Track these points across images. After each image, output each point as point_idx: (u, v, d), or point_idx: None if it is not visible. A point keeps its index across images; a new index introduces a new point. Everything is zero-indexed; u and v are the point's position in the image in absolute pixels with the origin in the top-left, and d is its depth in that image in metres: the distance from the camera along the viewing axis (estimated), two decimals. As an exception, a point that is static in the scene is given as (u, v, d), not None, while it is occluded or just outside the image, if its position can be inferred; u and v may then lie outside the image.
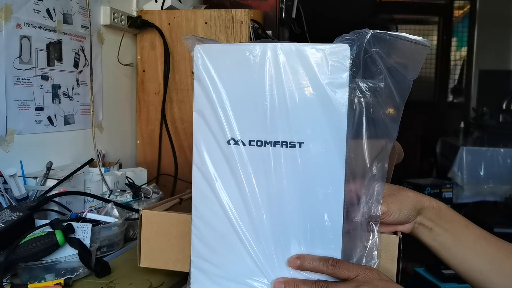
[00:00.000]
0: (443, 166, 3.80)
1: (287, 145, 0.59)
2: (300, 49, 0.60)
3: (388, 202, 0.66)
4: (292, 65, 0.60)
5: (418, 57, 0.63)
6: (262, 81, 0.60)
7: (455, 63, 5.09)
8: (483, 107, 4.05)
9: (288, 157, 0.60)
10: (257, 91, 0.61)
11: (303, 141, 0.59)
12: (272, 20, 1.81)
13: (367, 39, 0.60)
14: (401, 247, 0.65)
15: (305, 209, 0.60)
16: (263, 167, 0.60)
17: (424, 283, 2.22)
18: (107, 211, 0.96)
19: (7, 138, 1.05)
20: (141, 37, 1.54)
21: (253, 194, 0.61)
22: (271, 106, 0.60)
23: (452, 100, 5.10)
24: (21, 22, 1.08)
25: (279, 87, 0.60)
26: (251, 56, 0.61)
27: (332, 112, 0.59)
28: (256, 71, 0.61)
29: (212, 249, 0.63)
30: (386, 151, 0.64)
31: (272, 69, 0.60)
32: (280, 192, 0.60)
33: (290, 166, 0.60)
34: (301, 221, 0.60)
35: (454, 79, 5.08)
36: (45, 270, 0.77)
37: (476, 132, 3.96)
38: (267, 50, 0.61)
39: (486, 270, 0.68)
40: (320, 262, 0.59)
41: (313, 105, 0.59)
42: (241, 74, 0.62)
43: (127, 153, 1.55)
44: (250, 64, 0.61)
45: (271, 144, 0.60)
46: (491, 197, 3.37)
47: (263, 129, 0.60)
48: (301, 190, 0.60)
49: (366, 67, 0.61)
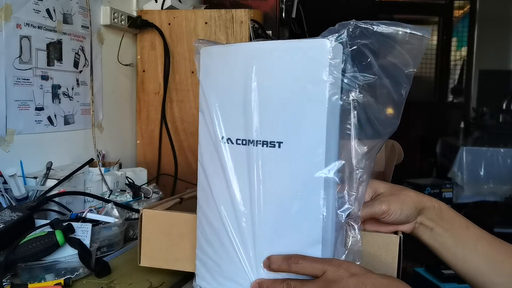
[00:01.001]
0: (443, 166, 3.80)
1: (268, 144, 0.58)
2: (279, 47, 0.59)
3: (389, 201, 0.66)
4: (273, 63, 0.59)
5: (417, 49, 0.58)
6: (247, 80, 0.60)
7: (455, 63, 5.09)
8: (483, 107, 4.05)
9: (269, 157, 0.58)
10: (242, 91, 0.60)
11: (282, 141, 0.58)
12: (272, 20, 1.81)
13: (351, 31, 0.57)
14: (402, 247, 0.65)
15: (285, 209, 0.58)
16: (247, 167, 0.60)
17: (424, 283, 2.21)
18: (107, 211, 0.96)
19: (7, 138, 1.05)
20: (141, 37, 1.54)
21: (239, 193, 0.60)
22: (254, 105, 0.59)
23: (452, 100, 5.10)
24: (21, 22, 1.08)
25: (261, 85, 0.59)
26: (237, 56, 0.62)
27: (312, 110, 0.56)
28: (242, 71, 0.61)
29: (211, 245, 0.64)
30: (374, 151, 0.61)
31: (255, 68, 0.60)
32: (262, 192, 0.59)
33: (270, 166, 0.58)
34: (282, 221, 0.58)
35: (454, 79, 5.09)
36: (45, 270, 0.77)
37: (476, 132, 3.96)
38: (250, 50, 0.61)
39: (486, 271, 0.68)
40: (283, 261, 0.57)
41: (293, 103, 0.57)
42: (229, 74, 0.62)
43: (127, 153, 1.55)
44: (236, 64, 0.61)
45: (254, 144, 0.59)
46: (491, 197, 3.37)
47: (248, 128, 0.60)
48: (281, 190, 0.58)
49: (354, 61, 0.57)
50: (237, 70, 0.61)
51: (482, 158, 3.36)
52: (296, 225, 0.58)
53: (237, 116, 0.61)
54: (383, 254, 0.65)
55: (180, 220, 0.74)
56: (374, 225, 0.68)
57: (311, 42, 0.57)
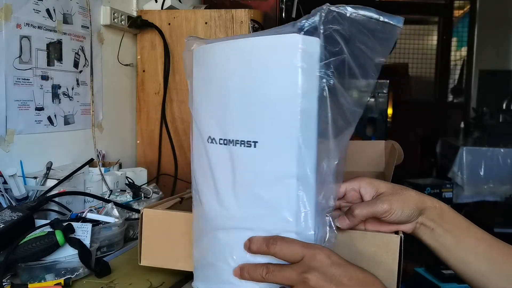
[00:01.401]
0: (443, 166, 3.80)
1: (245, 144, 0.57)
2: (251, 44, 0.58)
3: (391, 200, 0.66)
4: (245, 61, 0.57)
5: (388, 38, 0.56)
6: (222, 79, 0.59)
7: (455, 63, 5.10)
8: (483, 107, 4.06)
9: (245, 157, 0.57)
10: (219, 90, 0.60)
11: (257, 141, 0.56)
12: (272, 20, 1.81)
13: (324, 16, 0.55)
14: (402, 247, 0.65)
15: (265, 208, 0.57)
16: (229, 167, 0.59)
17: (424, 283, 2.21)
18: (107, 211, 0.96)
19: (7, 138, 1.05)
20: (141, 37, 1.54)
21: (224, 194, 0.59)
22: (231, 105, 0.58)
23: (452, 100, 5.10)
24: (21, 22, 1.08)
25: (236, 84, 0.58)
26: (213, 54, 0.61)
27: (285, 109, 0.54)
28: (218, 69, 0.60)
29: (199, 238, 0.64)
30: (344, 142, 0.58)
31: (229, 66, 0.59)
32: (242, 192, 0.58)
33: (249, 166, 0.57)
34: (262, 220, 0.57)
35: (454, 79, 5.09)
36: (45, 270, 0.77)
37: (476, 132, 3.97)
38: (225, 47, 0.59)
39: (486, 272, 0.68)
40: (262, 242, 0.56)
41: (265, 102, 0.56)
42: (207, 74, 0.62)
43: (127, 153, 1.55)
44: (213, 63, 0.61)
45: (233, 143, 0.58)
46: (491, 197, 3.37)
47: (227, 128, 0.59)
48: (260, 189, 0.57)
49: (326, 47, 0.55)
50: (214, 68, 0.60)
51: (482, 158, 3.37)
52: (275, 223, 0.57)
53: (218, 115, 0.60)
54: (383, 254, 0.65)
55: (180, 219, 0.74)
56: (375, 224, 0.68)
57: (281, 39, 0.55)
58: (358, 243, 0.66)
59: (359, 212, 0.65)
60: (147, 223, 0.76)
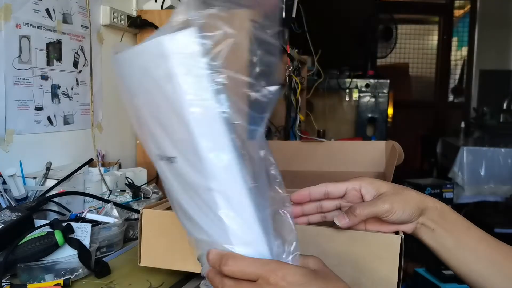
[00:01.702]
0: (443, 166, 3.80)
1: (168, 159, 0.52)
2: (133, 53, 0.50)
3: (392, 200, 0.66)
4: (134, 72, 0.51)
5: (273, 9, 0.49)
6: (129, 96, 0.53)
7: (456, 63, 5.10)
8: (484, 107, 4.06)
9: (171, 172, 0.53)
10: (134, 107, 0.54)
11: (175, 156, 0.51)
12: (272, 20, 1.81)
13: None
14: (403, 247, 0.65)
15: (208, 224, 0.53)
16: (166, 181, 0.55)
17: (424, 284, 2.21)
18: (106, 211, 0.95)
19: (6, 138, 1.05)
20: (141, 37, 1.54)
21: (176, 207, 0.57)
22: (145, 122, 0.53)
23: (453, 100, 5.11)
24: (20, 22, 1.07)
25: (138, 100, 0.52)
26: (118, 68, 0.53)
27: (180, 119, 0.48)
28: (123, 85, 0.54)
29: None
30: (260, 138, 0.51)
31: (126, 81, 0.52)
32: (181, 206, 0.55)
33: (175, 180, 0.53)
34: (203, 233, 0.54)
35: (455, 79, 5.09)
36: (44, 271, 0.76)
37: (477, 132, 3.97)
38: (121, 60, 0.52)
39: (486, 273, 0.67)
40: (216, 259, 0.51)
41: (163, 114, 0.49)
42: (121, 89, 0.55)
43: (127, 153, 1.55)
44: (120, 78, 0.54)
45: (163, 159, 0.53)
46: (492, 197, 3.38)
47: (155, 144, 0.53)
48: (191, 203, 0.53)
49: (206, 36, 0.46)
50: (121, 84, 0.54)
51: (483, 158, 3.37)
52: (219, 236, 0.53)
53: (150, 130, 0.53)
54: (384, 254, 0.65)
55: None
56: (375, 224, 0.68)
57: (150, 44, 0.48)
58: (359, 243, 0.66)
59: (361, 211, 0.65)
60: (146, 223, 0.76)
